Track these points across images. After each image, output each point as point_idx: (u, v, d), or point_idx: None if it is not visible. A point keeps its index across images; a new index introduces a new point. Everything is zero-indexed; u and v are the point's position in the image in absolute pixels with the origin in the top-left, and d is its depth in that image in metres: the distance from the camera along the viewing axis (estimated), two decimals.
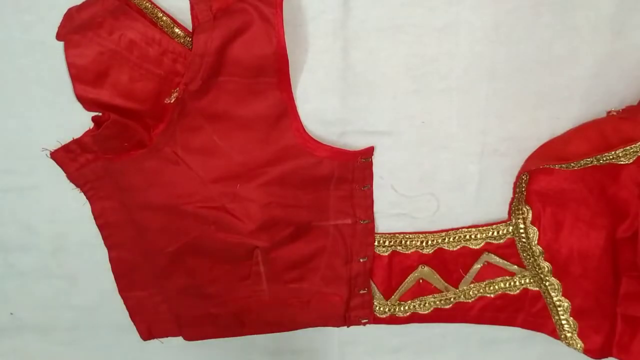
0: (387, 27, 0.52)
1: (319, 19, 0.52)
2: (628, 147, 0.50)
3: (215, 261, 0.59)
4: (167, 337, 0.66)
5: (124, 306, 0.63)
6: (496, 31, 0.53)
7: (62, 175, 0.57)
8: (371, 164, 0.57)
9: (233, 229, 0.56)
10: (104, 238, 0.61)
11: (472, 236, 0.60)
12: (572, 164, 0.52)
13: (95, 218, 0.60)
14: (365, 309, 0.63)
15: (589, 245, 0.57)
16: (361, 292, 0.62)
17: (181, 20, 0.52)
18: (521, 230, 0.59)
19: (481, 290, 0.62)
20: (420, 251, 0.61)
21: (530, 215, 0.59)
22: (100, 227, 0.60)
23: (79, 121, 0.55)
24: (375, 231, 0.60)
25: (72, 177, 0.58)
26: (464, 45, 0.53)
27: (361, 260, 0.61)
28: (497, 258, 0.61)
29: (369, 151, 0.57)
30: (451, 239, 0.61)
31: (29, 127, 0.57)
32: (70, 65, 0.50)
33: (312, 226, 0.59)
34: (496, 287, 0.61)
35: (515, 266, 0.61)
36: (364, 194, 0.58)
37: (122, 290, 0.63)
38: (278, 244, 0.58)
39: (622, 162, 0.51)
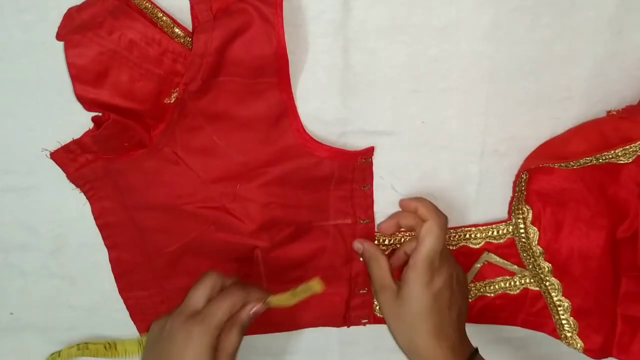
0: (387, 27, 0.52)
1: (319, 19, 0.52)
2: (627, 147, 0.50)
3: (216, 261, 0.59)
4: None
5: (124, 306, 0.64)
6: (496, 31, 0.53)
7: (62, 175, 0.57)
8: (371, 164, 0.57)
9: (233, 229, 0.56)
10: (104, 238, 0.61)
11: (472, 236, 0.61)
12: (571, 163, 0.52)
13: (95, 218, 0.60)
14: (366, 309, 0.63)
15: (589, 245, 0.57)
16: (361, 292, 0.62)
17: (181, 20, 0.52)
18: (521, 230, 0.59)
19: (481, 290, 0.62)
20: None
21: (530, 215, 0.59)
22: (100, 227, 0.60)
23: (79, 121, 0.55)
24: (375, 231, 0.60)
25: (71, 178, 0.58)
26: (464, 45, 0.53)
27: (361, 259, 0.61)
28: (497, 258, 0.61)
29: (369, 151, 0.57)
30: (451, 239, 0.61)
31: (29, 127, 0.57)
32: (70, 65, 0.50)
33: (312, 226, 0.59)
34: (496, 286, 0.61)
35: (515, 266, 0.61)
36: (364, 194, 0.58)
37: (122, 290, 0.63)
38: (278, 243, 0.58)
39: (621, 162, 0.51)
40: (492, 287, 0.61)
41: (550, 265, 0.59)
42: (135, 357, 0.63)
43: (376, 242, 0.61)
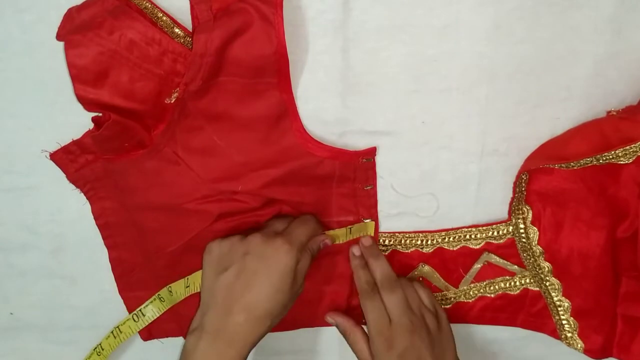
0: (387, 27, 0.52)
1: (319, 19, 0.52)
2: (628, 147, 0.50)
3: None
4: (167, 337, 0.66)
5: (124, 306, 0.64)
6: (496, 31, 0.53)
7: (62, 175, 0.57)
8: (374, 164, 0.57)
9: (240, 211, 0.57)
10: (104, 238, 0.61)
11: (472, 236, 0.60)
12: (572, 164, 0.52)
13: (95, 218, 0.60)
14: None
15: (589, 245, 0.57)
16: None
17: (181, 20, 0.52)
18: (521, 230, 0.59)
19: (481, 290, 0.62)
20: (420, 250, 0.61)
21: (530, 215, 0.59)
22: (100, 227, 0.60)
23: (79, 121, 0.55)
24: None
25: (71, 178, 0.58)
26: (464, 45, 0.53)
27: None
28: (497, 258, 0.61)
29: (371, 151, 0.56)
30: (451, 239, 0.61)
31: (29, 127, 0.57)
32: (71, 65, 0.50)
33: None
34: (496, 287, 0.61)
35: (516, 266, 0.61)
36: (367, 194, 0.58)
37: (122, 290, 0.63)
38: None
39: (622, 162, 0.51)
40: (492, 288, 0.61)
41: (550, 265, 0.59)
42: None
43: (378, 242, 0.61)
